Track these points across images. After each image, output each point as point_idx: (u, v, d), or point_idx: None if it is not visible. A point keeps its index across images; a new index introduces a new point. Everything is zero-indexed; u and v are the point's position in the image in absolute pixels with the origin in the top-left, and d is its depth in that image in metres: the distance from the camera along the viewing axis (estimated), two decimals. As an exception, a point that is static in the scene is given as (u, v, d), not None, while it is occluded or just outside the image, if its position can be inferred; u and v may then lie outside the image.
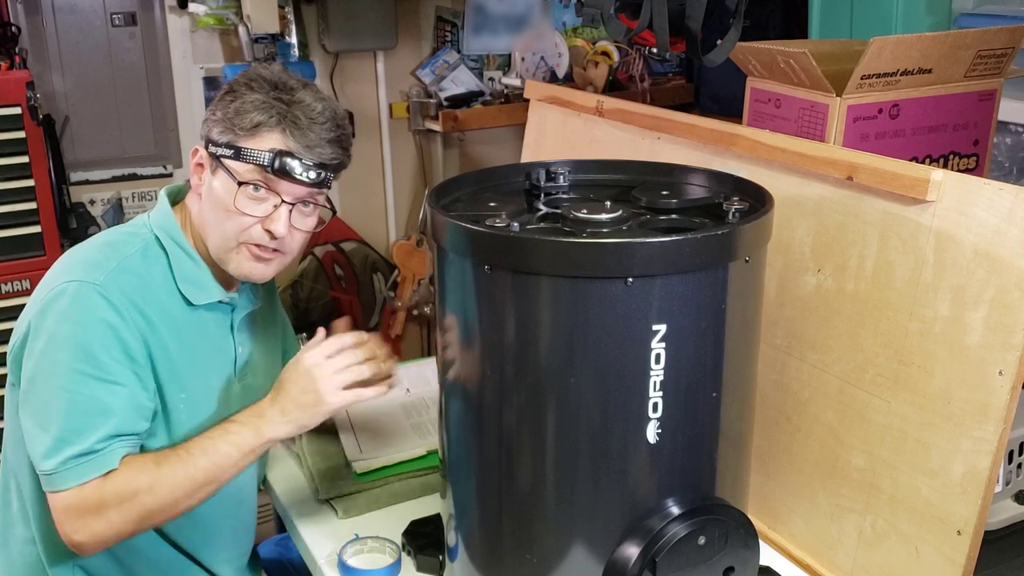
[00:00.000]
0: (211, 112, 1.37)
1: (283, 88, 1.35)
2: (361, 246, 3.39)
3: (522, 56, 3.36)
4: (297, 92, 1.36)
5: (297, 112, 1.34)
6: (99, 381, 1.28)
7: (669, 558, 1.10)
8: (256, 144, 1.33)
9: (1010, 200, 1.15)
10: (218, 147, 1.34)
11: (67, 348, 1.27)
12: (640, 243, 1.06)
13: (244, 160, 1.33)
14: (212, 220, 1.38)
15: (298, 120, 1.33)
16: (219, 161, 1.35)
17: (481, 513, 1.22)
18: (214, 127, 1.35)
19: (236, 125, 1.33)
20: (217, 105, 1.36)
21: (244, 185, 1.33)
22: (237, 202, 1.34)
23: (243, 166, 1.34)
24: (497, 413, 1.15)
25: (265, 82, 1.35)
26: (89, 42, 2.93)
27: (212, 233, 1.39)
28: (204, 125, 1.38)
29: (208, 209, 1.38)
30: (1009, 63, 1.75)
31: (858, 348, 1.33)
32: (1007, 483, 1.51)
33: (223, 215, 1.36)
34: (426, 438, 1.70)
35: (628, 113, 1.82)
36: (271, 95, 1.34)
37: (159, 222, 1.41)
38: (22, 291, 2.50)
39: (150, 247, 1.38)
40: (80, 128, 2.96)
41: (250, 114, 1.33)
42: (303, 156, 1.34)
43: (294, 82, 1.37)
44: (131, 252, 1.36)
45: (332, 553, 1.45)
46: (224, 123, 1.34)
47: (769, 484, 1.49)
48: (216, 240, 1.38)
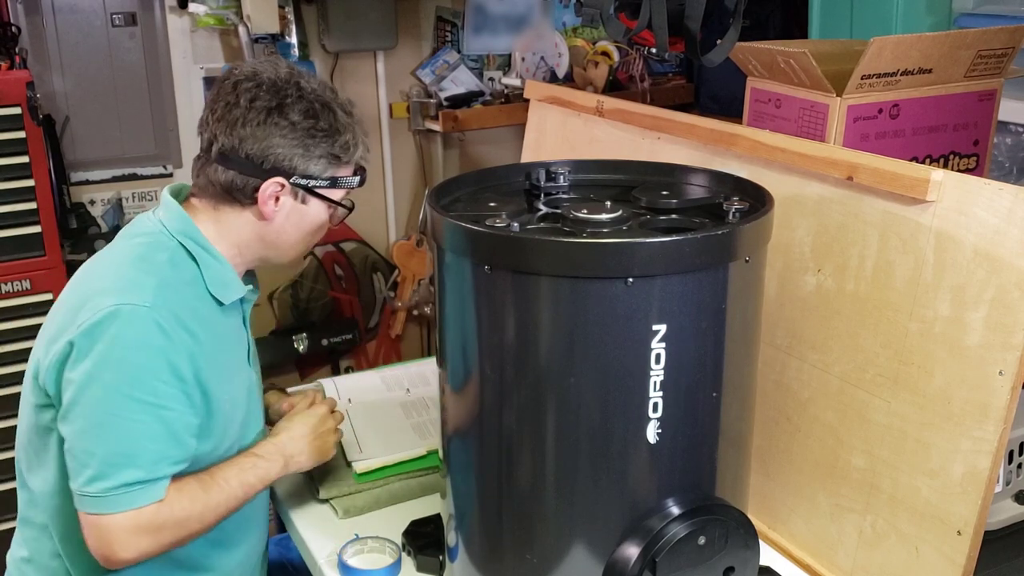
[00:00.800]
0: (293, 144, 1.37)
1: (351, 112, 1.44)
2: (361, 246, 3.39)
3: (522, 56, 3.36)
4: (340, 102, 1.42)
5: (360, 129, 1.45)
6: (151, 407, 1.28)
7: (669, 558, 1.10)
8: (349, 170, 1.44)
9: (1010, 200, 1.15)
10: (315, 180, 1.40)
11: (118, 373, 1.27)
12: (640, 243, 1.06)
13: (341, 187, 1.44)
14: (299, 239, 1.46)
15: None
16: (313, 192, 1.41)
17: (481, 513, 1.22)
18: (312, 163, 1.38)
19: (340, 161, 1.41)
20: (300, 138, 1.37)
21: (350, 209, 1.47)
22: (332, 221, 1.47)
23: (338, 192, 1.45)
24: (497, 413, 1.15)
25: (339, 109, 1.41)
26: (89, 42, 2.93)
27: (294, 248, 1.48)
28: (278, 155, 1.36)
29: (295, 231, 1.44)
30: (1009, 63, 1.75)
31: (858, 348, 1.33)
32: (1007, 483, 1.51)
33: (314, 233, 1.47)
34: (426, 438, 1.70)
35: (628, 113, 1.82)
36: (352, 123, 1.42)
37: (179, 228, 1.39)
38: (22, 291, 2.50)
39: (177, 255, 1.38)
40: (80, 128, 2.96)
41: (351, 151, 1.42)
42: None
43: (344, 98, 1.44)
44: (163, 262, 1.36)
45: (332, 553, 1.45)
46: (325, 159, 1.39)
47: (769, 484, 1.49)
48: (294, 252, 1.49)
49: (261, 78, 1.37)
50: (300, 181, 1.39)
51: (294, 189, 1.39)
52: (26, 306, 2.50)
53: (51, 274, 2.52)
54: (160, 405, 1.29)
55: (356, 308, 3.39)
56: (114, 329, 1.27)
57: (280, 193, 1.39)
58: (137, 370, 1.28)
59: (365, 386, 1.92)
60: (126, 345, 1.27)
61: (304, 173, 1.39)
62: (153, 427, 1.29)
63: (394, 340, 3.46)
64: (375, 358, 3.45)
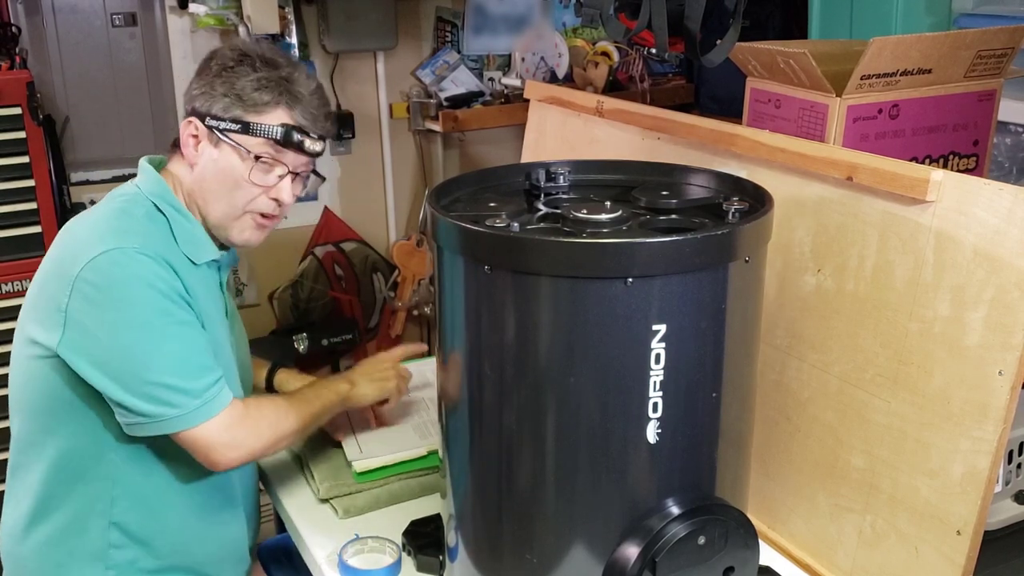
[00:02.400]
0: (206, 86, 1.45)
1: (275, 65, 1.46)
2: (361, 246, 3.39)
3: (522, 56, 3.36)
4: (288, 69, 1.47)
5: (296, 89, 1.46)
6: (177, 324, 1.37)
7: (669, 558, 1.10)
8: (264, 119, 1.44)
9: (1010, 200, 1.15)
10: (221, 121, 1.43)
11: (137, 309, 1.34)
12: (640, 243, 1.06)
13: (254, 134, 1.44)
14: (216, 191, 1.47)
15: (300, 96, 1.46)
16: (223, 135, 1.44)
17: (481, 513, 1.22)
18: (214, 102, 1.44)
19: (243, 102, 1.43)
20: (213, 80, 1.44)
21: (258, 159, 1.44)
22: (252, 175, 1.45)
23: (252, 140, 1.44)
24: (497, 413, 1.15)
25: (258, 59, 1.45)
26: (89, 42, 2.93)
27: (215, 203, 1.48)
28: (199, 98, 1.45)
29: (211, 180, 1.46)
30: (1009, 63, 1.75)
31: (858, 348, 1.33)
32: (1007, 483, 1.51)
33: (230, 186, 1.46)
34: (426, 438, 1.70)
35: (628, 113, 1.82)
36: (271, 73, 1.44)
37: (152, 190, 1.47)
38: (22, 291, 2.49)
39: (151, 213, 1.44)
40: (80, 128, 2.96)
41: (256, 92, 1.43)
42: (310, 130, 1.47)
43: (282, 59, 1.48)
44: (141, 216, 1.42)
45: (332, 553, 1.45)
46: (228, 99, 1.43)
47: (769, 484, 1.49)
48: (221, 209, 1.48)
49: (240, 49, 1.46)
50: (210, 123, 1.44)
51: (209, 133, 1.44)
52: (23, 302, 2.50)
53: (51, 274, 2.52)
54: (183, 320, 1.38)
55: (356, 308, 3.39)
56: (117, 272, 1.33)
57: (197, 135, 1.45)
58: (150, 301, 1.34)
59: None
60: (130, 283, 1.34)
61: (208, 112, 1.44)
62: (189, 338, 1.38)
63: (394, 340, 3.46)
64: (375, 358, 3.45)
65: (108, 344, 1.34)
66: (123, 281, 1.34)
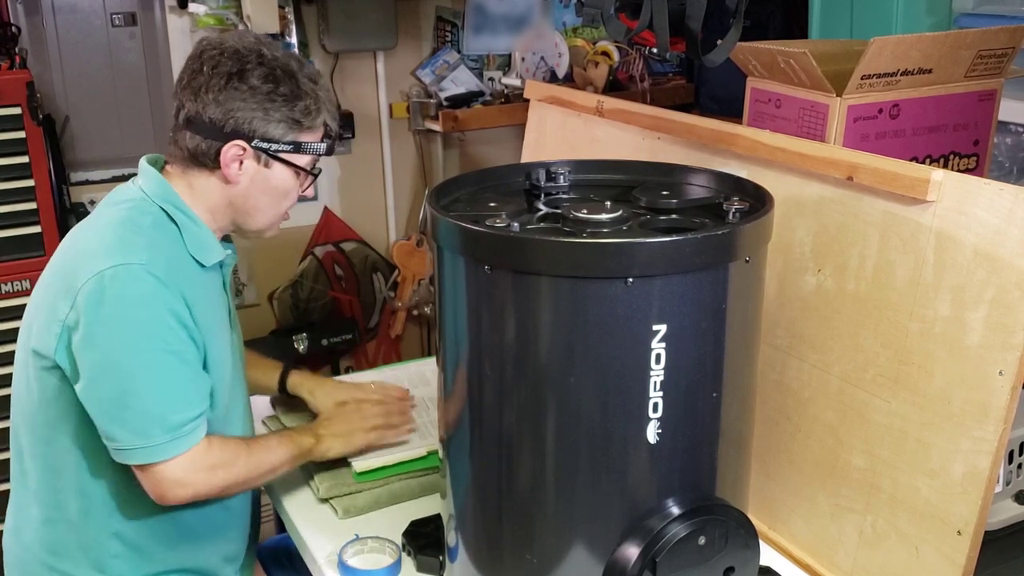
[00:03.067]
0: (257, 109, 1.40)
1: (316, 79, 1.46)
2: (361, 246, 3.39)
3: (522, 56, 3.35)
4: (312, 73, 1.46)
5: (327, 96, 1.47)
6: (168, 354, 1.35)
7: (669, 558, 1.10)
8: (314, 136, 1.47)
9: (1010, 200, 1.15)
10: (276, 144, 1.43)
11: (130, 332, 1.33)
12: (640, 243, 1.06)
13: (306, 152, 1.46)
14: (267, 205, 1.49)
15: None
16: (275, 156, 1.44)
17: (481, 513, 1.22)
18: (272, 126, 1.42)
19: (302, 125, 1.44)
20: (264, 103, 1.40)
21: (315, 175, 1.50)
22: (302, 186, 1.50)
23: (303, 157, 1.47)
24: (497, 413, 1.15)
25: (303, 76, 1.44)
26: (89, 42, 2.93)
27: (264, 215, 1.50)
28: (251, 121, 1.41)
29: (262, 197, 1.47)
30: (1009, 63, 1.75)
31: (858, 348, 1.33)
32: (1007, 483, 1.51)
33: (281, 199, 1.49)
34: (426, 439, 1.70)
35: (628, 113, 1.82)
36: (314, 89, 1.45)
37: (159, 194, 1.44)
38: (22, 291, 2.50)
39: (159, 219, 1.43)
40: (80, 128, 2.96)
41: (311, 116, 1.44)
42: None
43: (309, 69, 1.48)
44: (148, 225, 1.41)
45: (332, 553, 1.45)
46: (285, 123, 1.42)
47: (769, 484, 1.49)
48: (266, 220, 1.51)
49: (225, 46, 1.42)
50: (262, 145, 1.43)
51: (256, 153, 1.43)
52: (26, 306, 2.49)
53: (51, 274, 2.52)
54: (176, 351, 1.36)
55: (356, 308, 3.39)
56: (115, 291, 1.32)
57: (243, 157, 1.43)
58: (147, 324, 1.33)
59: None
60: (129, 303, 1.32)
61: (264, 136, 1.42)
62: (177, 371, 1.36)
63: (394, 340, 3.46)
64: (375, 358, 3.45)
65: (96, 362, 1.33)
66: (123, 301, 1.32)
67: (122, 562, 1.46)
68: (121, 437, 1.34)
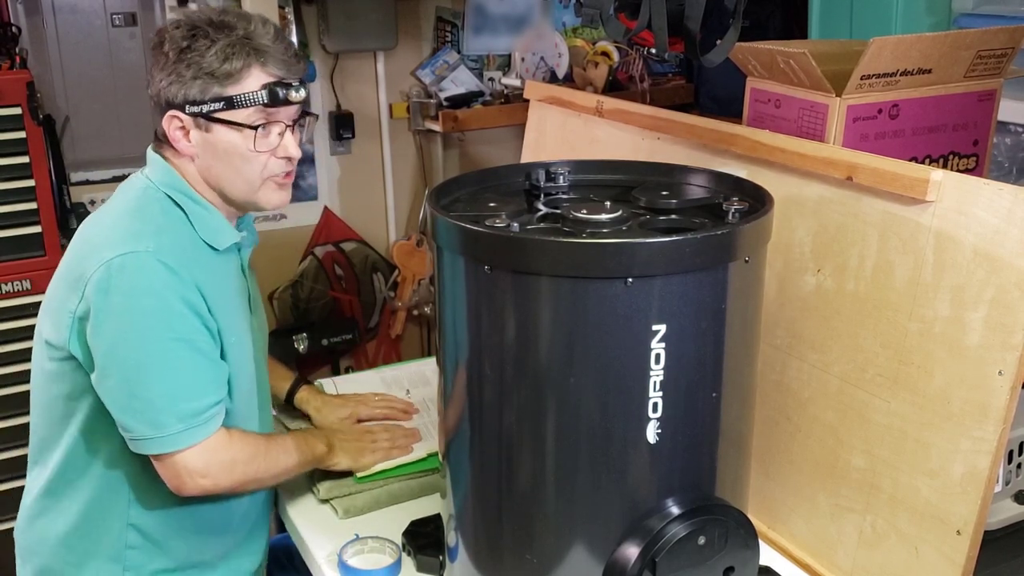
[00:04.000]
0: (172, 75, 1.37)
1: (230, 27, 1.39)
2: (361, 246, 3.39)
3: (522, 56, 3.36)
4: (243, 25, 1.39)
5: (260, 44, 1.39)
6: (182, 342, 1.34)
7: (669, 558, 1.10)
8: (244, 87, 1.38)
9: (1010, 200, 1.15)
10: (203, 104, 1.37)
11: (142, 321, 1.32)
12: (640, 243, 1.06)
13: (241, 106, 1.38)
14: (227, 172, 1.42)
15: (267, 49, 1.39)
16: (209, 117, 1.38)
17: (481, 513, 1.22)
18: (188, 87, 1.37)
19: (217, 78, 1.36)
20: (176, 66, 1.37)
21: (254, 127, 1.39)
22: (257, 145, 1.40)
23: (242, 112, 1.38)
24: (497, 413, 1.15)
25: (209, 27, 1.38)
26: (89, 42, 2.93)
27: (232, 183, 1.43)
28: (170, 89, 1.38)
29: (218, 164, 1.42)
30: (1009, 63, 1.75)
31: (858, 348, 1.33)
32: (1007, 483, 1.51)
33: (239, 162, 1.41)
34: (426, 439, 1.70)
35: (628, 113, 1.82)
36: (230, 37, 1.37)
37: (165, 180, 1.43)
38: (22, 291, 2.50)
39: (167, 206, 1.42)
40: (80, 128, 2.96)
41: (225, 63, 1.36)
42: (287, 78, 1.41)
43: (232, 18, 1.41)
44: (156, 212, 1.40)
45: (332, 553, 1.45)
46: (201, 80, 1.36)
47: (769, 484, 1.49)
48: (240, 187, 1.44)
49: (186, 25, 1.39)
50: (193, 110, 1.38)
51: (195, 120, 1.39)
52: (26, 306, 2.50)
53: (51, 274, 2.51)
54: (186, 339, 1.34)
55: (356, 308, 3.39)
56: (125, 280, 1.31)
57: (185, 127, 1.40)
58: (154, 313, 1.32)
59: (365, 386, 1.92)
60: (140, 292, 1.31)
61: (188, 99, 1.38)
62: (188, 359, 1.34)
63: (394, 340, 3.46)
64: (375, 358, 3.45)
65: (106, 352, 1.33)
66: (130, 290, 1.31)
67: (139, 553, 1.46)
68: (135, 427, 1.34)
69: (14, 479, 2.53)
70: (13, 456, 2.53)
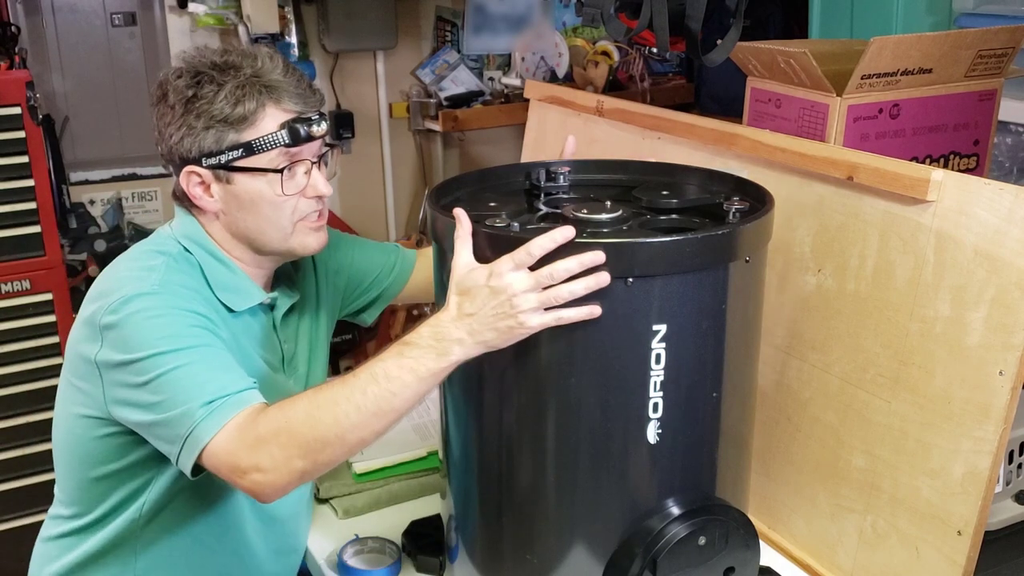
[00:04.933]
0: (182, 128, 1.29)
1: (235, 67, 1.29)
2: (361, 246, 3.39)
3: (522, 56, 3.35)
4: (248, 62, 1.30)
5: (270, 80, 1.30)
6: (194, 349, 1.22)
7: (669, 558, 1.10)
8: (261, 130, 1.28)
9: (1010, 200, 1.15)
10: (221, 155, 1.28)
11: (149, 340, 1.21)
12: (640, 243, 1.06)
13: (261, 151, 1.28)
14: (258, 221, 1.32)
15: (277, 85, 1.30)
16: (230, 167, 1.29)
17: (481, 513, 1.22)
18: (202, 139, 1.28)
19: (231, 124, 1.27)
20: (184, 118, 1.28)
21: (282, 171, 1.29)
22: (285, 188, 1.30)
23: (263, 157, 1.29)
24: (497, 413, 1.15)
25: (213, 70, 1.29)
26: (89, 42, 2.93)
27: (264, 232, 1.33)
28: (183, 144, 1.29)
29: (246, 215, 1.32)
30: (1009, 63, 1.75)
31: (858, 348, 1.33)
32: (1007, 483, 1.51)
33: (269, 210, 1.31)
34: (426, 439, 1.70)
35: (628, 113, 1.82)
36: (237, 78, 1.28)
37: (184, 232, 1.35)
38: (22, 291, 2.50)
39: (178, 260, 1.32)
40: (80, 128, 2.96)
41: (237, 107, 1.27)
42: (306, 112, 1.31)
43: (235, 56, 1.32)
44: (159, 265, 1.30)
45: (332, 553, 1.45)
46: (214, 129, 1.28)
47: (769, 484, 1.49)
48: (273, 236, 1.34)
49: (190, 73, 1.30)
50: (210, 162, 1.29)
51: (214, 173, 1.30)
52: (26, 306, 2.50)
53: (51, 274, 2.52)
54: (202, 344, 1.23)
55: (356, 308, 3.38)
56: (129, 309, 1.22)
57: (205, 181, 1.31)
58: (164, 329, 1.22)
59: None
60: (146, 316, 1.22)
61: (203, 152, 1.28)
62: (208, 359, 1.22)
63: (394, 340, 3.46)
64: (375, 358, 3.45)
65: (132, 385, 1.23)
66: (134, 318, 1.22)
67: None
68: (174, 439, 1.19)
69: (14, 479, 2.53)
70: (13, 456, 2.53)
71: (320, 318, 1.54)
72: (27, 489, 2.53)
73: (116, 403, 1.26)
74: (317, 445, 1.13)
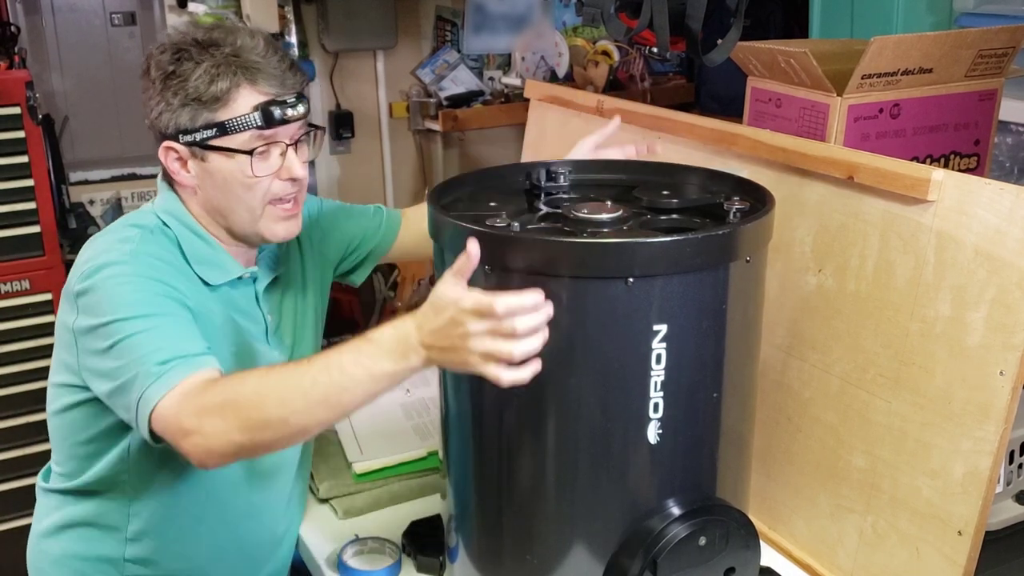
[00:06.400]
0: (161, 103, 1.30)
1: (215, 44, 1.29)
2: (361, 246, 3.39)
3: (522, 56, 3.35)
4: (230, 40, 1.30)
5: (248, 59, 1.29)
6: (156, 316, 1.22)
7: (670, 559, 1.09)
8: (234, 111, 1.28)
9: (1011, 200, 1.15)
10: (196, 132, 1.29)
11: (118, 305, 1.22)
12: (640, 243, 1.06)
13: (234, 131, 1.29)
14: (229, 200, 1.33)
15: (256, 65, 1.29)
16: (204, 146, 1.30)
17: (481, 513, 1.22)
18: (178, 116, 1.29)
19: (205, 103, 1.28)
20: (163, 93, 1.29)
21: (254, 153, 1.29)
22: (256, 170, 1.30)
23: (236, 138, 1.29)
24: (497, 413, 1.15)
25: (194, 47, 1.29)
26: (89, 42, 2.93)
27: (235, 212, 1.34)
28: (161, 119, 1.30)
29: (218, 193, 1.33)
30: (1010, 63, 1.75)
31: (859, 348, 1.33)
32: (1008, 483, 1.50)
33: (240, 190, 1.32)
34: (427, 439, 1.70)
35: (628, 113, 1.82)
36: (215, 56, 1.28)
37: (164, 206, 1.36)
38: (22, 291, 2.50)
39: (155, 232, 1.33)
40: (80, 128, 2.96)
41: (212, 85, 1.27)
42: (282, 95, 1.31)
43: (218, 33, 1.32)
44: (133, 236, 1.30)
45: (332, 553, 1.45)
46: (189, 106, 1.28)
47: (770, 484, 1.49)
48: (243, 216, 1.34)
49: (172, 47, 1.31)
50: (186, 139, 1.29)
51: (190, 149, 1.31)
52: (26, 306, 2.50)
53: (50, 274, 2.52)
54: (166, 312, 1.23)
55: (356, 308, 3.38)
56: (100, 277, 1.24)
57: (182, 157, 1.32)
58: (129, 296, 1.22)
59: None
60: (115, 283, 1.23)
61: (180, 128, 1.29)
62: (168, 327, 1.22)
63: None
64: (375, 358, 3.45)
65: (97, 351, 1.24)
66: (102, 287, 1.24)
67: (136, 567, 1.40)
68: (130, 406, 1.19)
69: (14, 479, 2.53)
70: (13, 456, 2.53)
71: (307, 289, 1.55)
72: (27, 489, 2.51)
73: (87, 372, 1.28)
74: (259, 424, 1.12)
